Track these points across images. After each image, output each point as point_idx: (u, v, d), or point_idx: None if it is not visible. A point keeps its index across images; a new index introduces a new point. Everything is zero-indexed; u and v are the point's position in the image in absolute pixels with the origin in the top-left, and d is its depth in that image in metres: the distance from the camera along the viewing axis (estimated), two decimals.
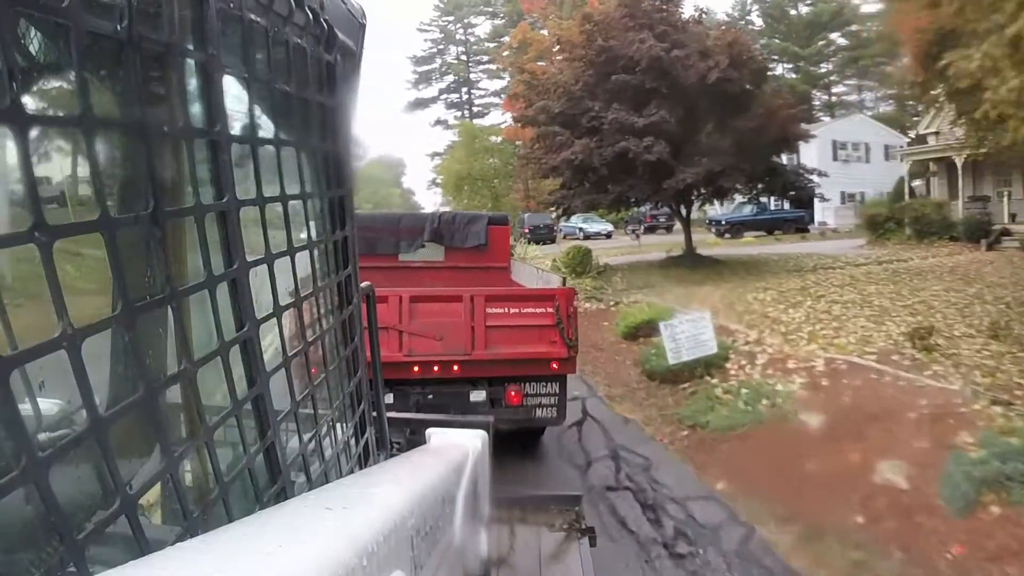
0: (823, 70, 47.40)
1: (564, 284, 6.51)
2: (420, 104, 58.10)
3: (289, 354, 1.02)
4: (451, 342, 5.96)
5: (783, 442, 7.47)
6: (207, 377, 0.80)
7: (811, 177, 19.35)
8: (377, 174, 52.99)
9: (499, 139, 43.63)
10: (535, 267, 8.31)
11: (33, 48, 0.73)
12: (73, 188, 0.92)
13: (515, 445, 6.86)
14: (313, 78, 1.14)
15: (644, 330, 11.78)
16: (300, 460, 1.10)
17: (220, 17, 0.80)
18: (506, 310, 6.10)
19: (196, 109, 0.80)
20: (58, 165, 0.88)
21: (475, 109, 56.44)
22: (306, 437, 1.14)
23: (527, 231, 32.72)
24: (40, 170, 0.58)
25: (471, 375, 6.07)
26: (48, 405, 0.76)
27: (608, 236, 33.40)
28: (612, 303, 15.07)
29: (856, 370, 8.93)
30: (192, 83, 0.79)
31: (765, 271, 17.25)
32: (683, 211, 19.33)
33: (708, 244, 23.15)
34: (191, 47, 0.76)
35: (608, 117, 16.81)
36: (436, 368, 5.97)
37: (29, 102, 0.54)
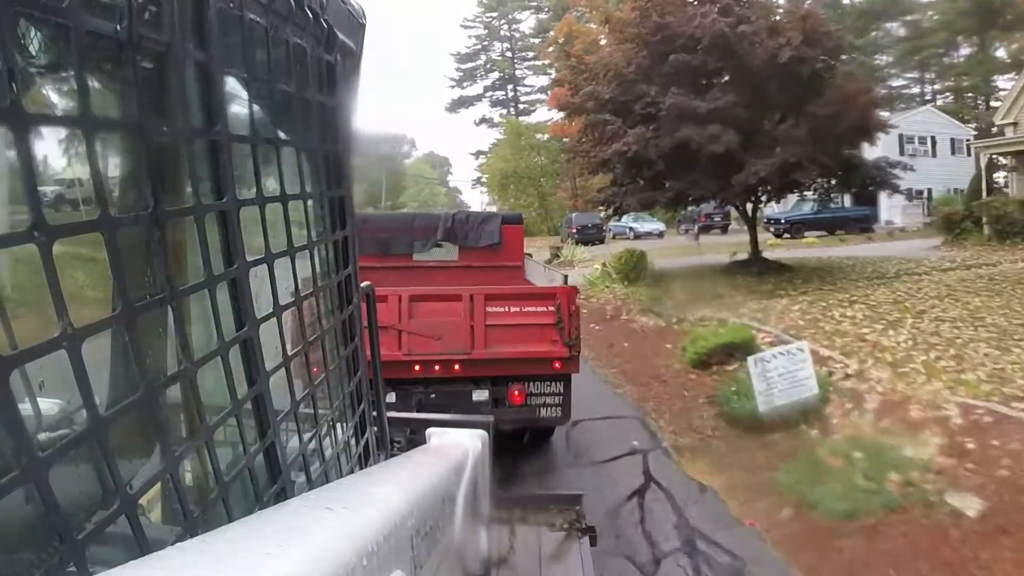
0: (879, 62, 43.99)
1: (566, 282, 6.50)
2: (464, 102, 56.08)
3: (289, 354, 1.02)
4: (450, 341, 5.95)
5: (932, 542, 5.04)
6: (207, 377, 0.80)
7: (894, 171, 16.38)
8: (423, 173, 52.75)
9: (545, 136, 42.33)
10: (544, 266, 8.21)
11: (33, 48, 0.73)
12: (73, 188, 0.92)
13: (532, 458, 6.55)
14: (313, 78, 1.14)
15: (718, 357, 9.46)
16: (300, 460, 1.10)
17: (220, 17, 0.80)
18: (506, 309, 6.08)
19: (196, 109, 0.80)
20: (58, 165, 0.88)
21: (520, 107, 54.62)
22: (306, 437, 1.14)
23: (574, 231, 31.10)
24: (40, 170, 0.58)
25: (473, 374, 6.06)
26: (48, 405, 0.76)
27: (660, 236, 31.31)
28: (674, 319, 12.59)
29: (1005, 424, 6.45)
30: (192, 83, 0.79)
31: (842, 278, 14.90)
32: (747, 210, 16.87)
33: (769, 246, 20.59)
34: (191, 47, 0.76)
35: (666, 102, 14.36)
36: (437, 367, 5.96)
37: (29, 102, 0.54)
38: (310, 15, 1.08)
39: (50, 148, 0.77)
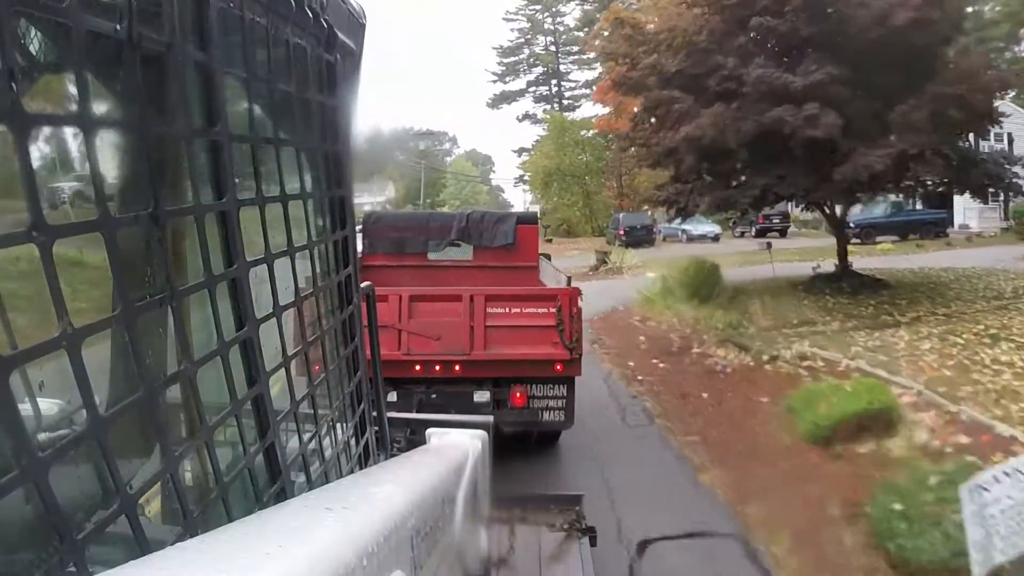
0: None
1: (569, 283, 6.47)
2: (506, 98, 52.73)
3: (289, 354, 1.02)
4: (449, 341, 5.94)
5: None
6: (207, 377, 0.80)
7: (1015, 169, 13.00)
8: (464, 170, 51.89)
9: (590, 132, 39.96)
10: (553, 267, 8.15)
11: (33, 48, 0.73)
12: (73, 188, 0.92)
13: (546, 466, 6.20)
14: (313, 78, 1.14)
15: (846, 430, 6.37)
16: (300, 460, 1.10)
17: (220, 17, 0.80)
18: (507, 310, 6.07)
19: (196, 109, 0.80)
20: (58, 165, 0.89)
21: (565, 102, 50.75)
22: (306, 437, 1.14)
23: (622, 233, 28.90)
24: (40, 170, 0.58)
25: (473, 375, 6.04)
26: (48, 405, 0.76)
27: (716, 239, 28.22)
28: (764, 356, 9.33)
29: None
30: (192, 83, 0.79)
31: (954, 299, 11.93)
32: (835, 212, 13.69)
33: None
34: (191, 47, 0.76)
35: (750, 75, 11.46)
36: (438, 367, 5.95)
37: (29, 102, 0.54)
38: (310, 15, 1.08)
39: (50, 148, 0.77)
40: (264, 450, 0.95)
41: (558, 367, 6.03)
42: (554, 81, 52.62)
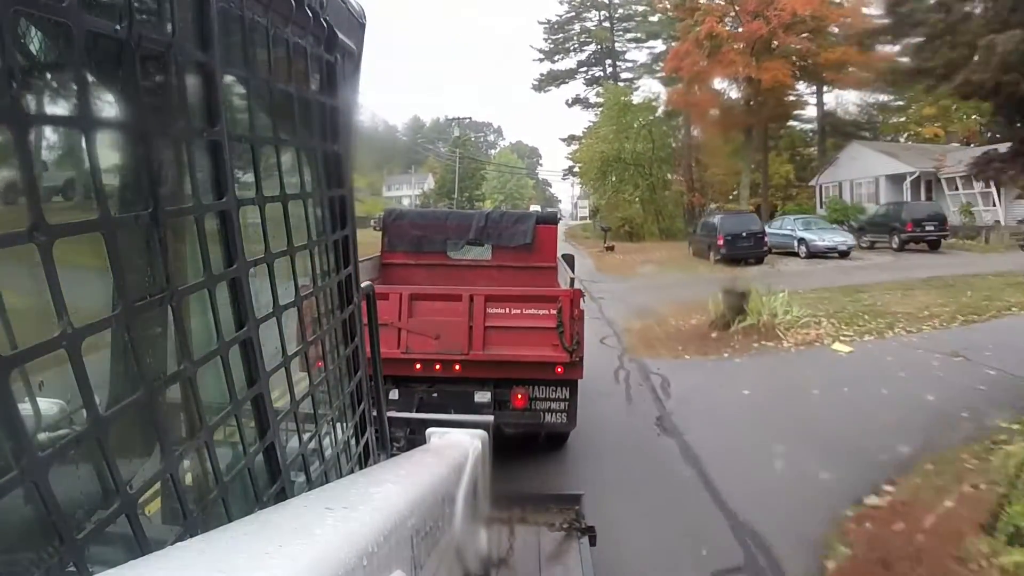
0: None
1: (571, 285, 6.46)
2: (554, 78, 45.83)
3: (289, 354, 1.02)
4: (447, 341, 5.93)
5: None
6: (207, 377, 0.80)
7: None
8: (509, 163, 48.58)
9: (660, 111, 33.69)
10: (567, 269, 8.01)
11: (33, 48, 0.73)
12: (73, 188, 0.92)
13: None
14: (313, 78, 1.14)
15: None
16: (300, 460, 1.10)
17: (221, 16, 0.80)
18: (507, 311, 6.06)
19: (196, 109, 0.80)
20: (58, 165, 0.89)
21: (620, 84, 42.72)
22: (306, 437, 1.14)
23: (721, 243, 20.21)
24: (40, 170, 0.58)
25: (474, 375, 6.04)
26: (48, 405, 0.76)
27: (846, 254, 20.47)
28: None
29: None
30: (192, 83, 0.79)
31: None
32: None
33: None
34: (192, 47, 0.76)
35: None
36: (438, 366, 5.95)
37: (29, 102, 0.54)
38: (310, 15, 1.08)
39: (50, 148, 0.77)
40: (264, 450, 0.95)
41: (558, 369, 6.01)
42: (608, 61, 45.32)
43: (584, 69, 46.04)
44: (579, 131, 44.14)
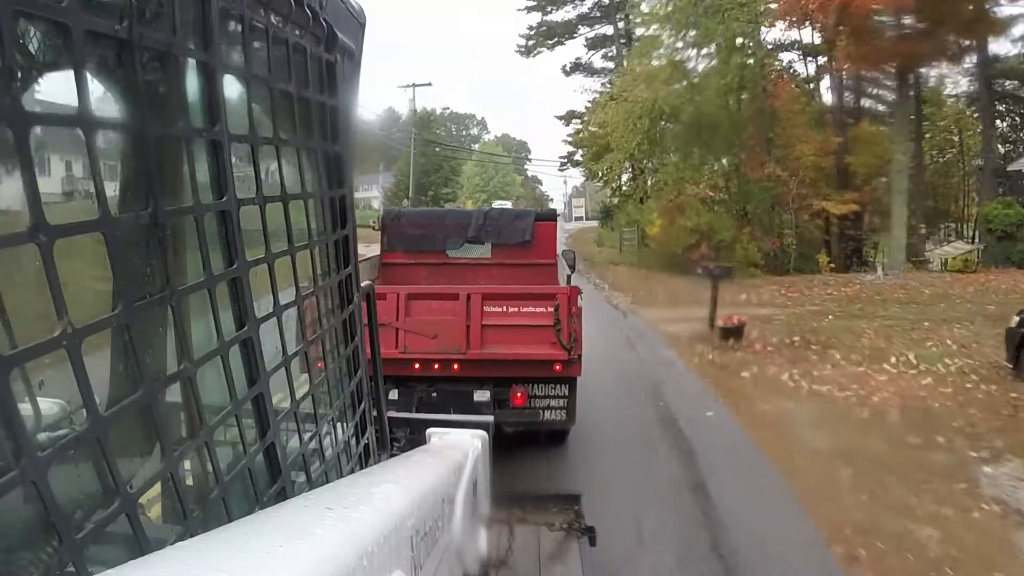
0: None
1: (569, 283, 6.47)
2: (548, 35, 32.25)
3: (289, 353, 1.02)
4: (445, 340, 5.93)
5: None
6: (207, 377, 0.80)
7: None
8: (494, 158, 42.09)
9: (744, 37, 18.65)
10: (566, 261, 7.81)
11: (33, 48, 0.73)
12: (73, 188, 0.92)
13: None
14: (313, 77, 1.14)
15: None
16: (300, 460, 1.10)
17: (221, 16, 0.80)
18: (504, 309, 6.06)
19: (196, 109, 0.80)
20: (58, 165, 0.88)
21: (634, 46, 25.64)
22: (306, 437, 1.14)
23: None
24: (40, 170, 0.58)
25: (473, 374, 6.04)
26: (48, 405, 0.76)
27: None
28: None
29: None
30: (192, 83, 0.78)
31: None
32: None
33: None
34: (192, 47, 0.76)
35: None
36: (436, 366, 5.95)
37: (29, 102, 0.54)
38: (310, 15, 1.08)
39: (50, 148, 0.77)
40: (264, 450, 0.95)
41: (557, 367, 6.01)
42: (618, 15, 30.67)
43: (584, 28, 32.61)
44: (581, 107, 32.24)
